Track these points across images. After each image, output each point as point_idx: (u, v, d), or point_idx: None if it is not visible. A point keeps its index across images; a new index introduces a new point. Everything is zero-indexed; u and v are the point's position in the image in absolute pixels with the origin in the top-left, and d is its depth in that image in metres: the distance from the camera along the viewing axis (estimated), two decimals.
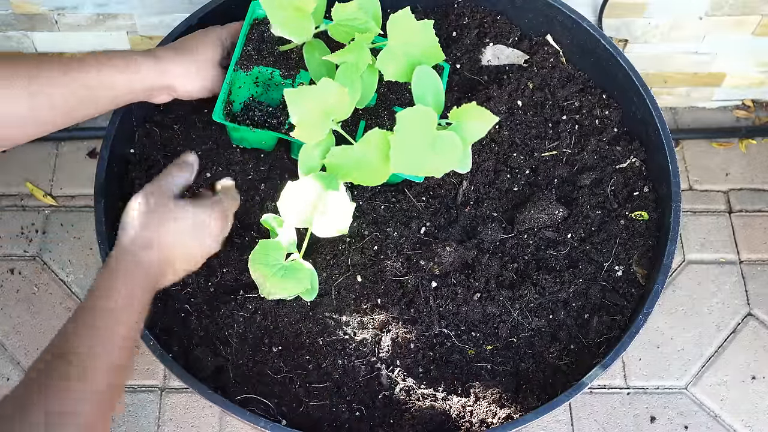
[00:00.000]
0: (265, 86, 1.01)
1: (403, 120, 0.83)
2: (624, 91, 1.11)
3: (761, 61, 1.57)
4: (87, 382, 0.75)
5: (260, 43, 1.01)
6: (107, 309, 0.81)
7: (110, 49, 1.49)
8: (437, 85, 0.90)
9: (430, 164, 0.85)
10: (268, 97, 1.01)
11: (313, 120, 0.84)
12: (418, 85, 0.88)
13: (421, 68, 0.88)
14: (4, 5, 1.38)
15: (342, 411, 0.97)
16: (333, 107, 0.85)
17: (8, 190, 1.62)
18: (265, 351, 0.99)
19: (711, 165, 1.68)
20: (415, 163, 0.84)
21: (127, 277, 0.84)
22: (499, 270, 1.03)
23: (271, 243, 0.93)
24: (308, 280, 0.93)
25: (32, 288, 1.54)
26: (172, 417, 1.45)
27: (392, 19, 0.90)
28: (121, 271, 0.84)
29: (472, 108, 0.87)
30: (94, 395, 0.75)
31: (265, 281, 0.92)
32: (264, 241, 0.92)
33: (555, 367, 1.00)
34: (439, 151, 0.84)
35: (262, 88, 1.01)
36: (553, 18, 1.14)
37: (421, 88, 0.88)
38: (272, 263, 0.92)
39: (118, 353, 0.80)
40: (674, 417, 1.47)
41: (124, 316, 0.82)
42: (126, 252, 0.86)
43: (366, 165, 0.86)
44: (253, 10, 1.02)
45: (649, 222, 1.07)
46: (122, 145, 1.07)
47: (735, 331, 1.54)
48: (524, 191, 1.09)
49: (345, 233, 0.91)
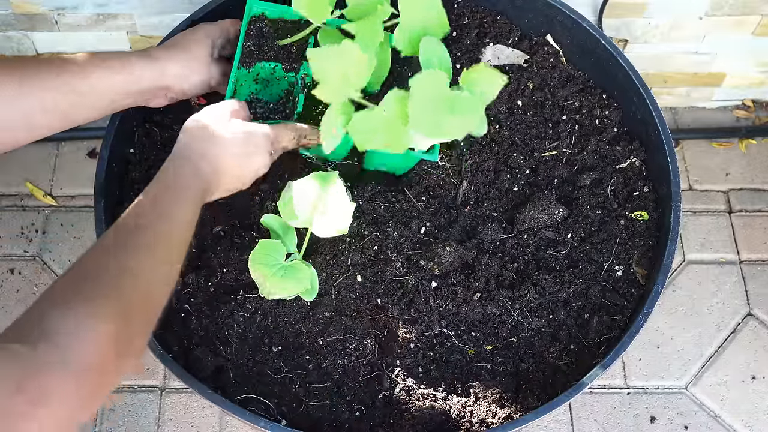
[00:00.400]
0: (264, 82, 1.01)
1: (417, 82, 0.84)
2: (624, 91, 1.11)
3: (761, 61, 1.57)
4: (150, 253, 0.77)
5: (259, 38, 1.02)
6: (167, 195, 0.83)
7: (110, 49, 1.50)
8: (443, 53, 0.91)
9: (449, 125, 0.86)
10: (267, 93, 1.01)
11: (335, 80, 0.85)
12: (426, 53, 0.90)
13: (426, 39, 0.90)
14: (4, 5, 1.38)
15: (342, 411, 0.97)
16: (353, 70, 0.85)
17: (8, 190, 1.62)
18: (265, 351, 0.99)
19: (711, 165, 1.68)
20: (434, 123, 0.85)
21: (182, 177, 0.85)
22: (499, 270, 1.03)
23: (271, 243, 0.93)
24: (308, 280, 0.93)
25: (32, 288, 1.54)
26: (172, 417, 1.45)
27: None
28: (178, 173, 0.85)
29: (482, 69, 0.88)
30: (156, 263, 0.77)
31: (265, 281, 0.92)
32: (264, 241, 0.93)
33: (555, 367, 1.00)
34: (458, 112, 0.86)
35: (261, 85, 1.01)
36: (553, 18, 1.14)
37: (428, 55, 0.90)
38: (272, 263, 0.92)
39: (177, 235, 0.81)
40: (674, 417, 1.47)
41: (182, 206, 0.83)
42: (180, 157, 0.86)
43: (388, 128, 0.86)
44: (249, 8, 1.02)
45: (649, 222, 1.07)
46: (122, 145, 1.07)
47: (735, 331, 1.54)
48: (524, 191, 1.09)
49: (345, 233, 0.91)
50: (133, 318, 0.71)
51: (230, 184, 0.91)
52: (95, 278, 0.71)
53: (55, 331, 0.64)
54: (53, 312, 0.66)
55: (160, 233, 0.79)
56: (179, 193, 0.83)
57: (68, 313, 0.66)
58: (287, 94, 1.01)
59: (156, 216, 0.80)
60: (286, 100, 1.01)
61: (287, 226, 0.95)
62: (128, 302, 0.71)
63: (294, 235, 0.96)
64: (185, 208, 0.83)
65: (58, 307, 0.66)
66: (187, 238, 0.83)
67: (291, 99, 1.01)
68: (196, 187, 0.85)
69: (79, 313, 0.66)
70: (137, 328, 0.73)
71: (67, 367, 0.63)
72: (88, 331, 0.66)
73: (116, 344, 0.67)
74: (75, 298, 0.68)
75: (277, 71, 1.01)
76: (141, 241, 0.77)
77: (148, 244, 0.77)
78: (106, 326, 0.67)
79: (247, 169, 0.91)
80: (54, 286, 0.70)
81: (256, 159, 0.91)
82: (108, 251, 0.76)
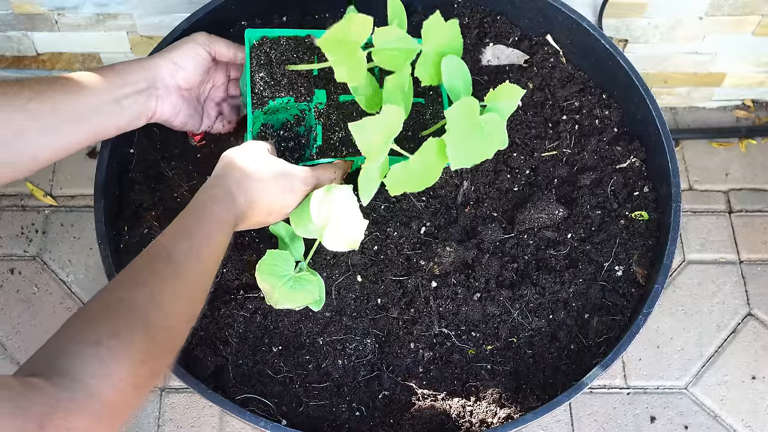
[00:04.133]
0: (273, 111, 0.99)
1: (453, 117, 0.86)
2: (624, 91, 1.11)
3: (761, 61, 1.57)
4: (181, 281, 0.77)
5: (269, 67, 0.98)
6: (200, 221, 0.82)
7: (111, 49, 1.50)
8: (465, 71, 0.92)
9: (481, 150, 0.89)
10: (274, 118, 0.99)
11: (378, 144, 0.86)
12: (448, 74, 0.91)
13: (448, 58, 0.91)
14: (4, 5, 1.38)
15: (342, 411, 0.97)
16: (393, 129, 0.86)
17: (8, 190, 1.62)
18: (265, 351, 0.99)
19: (711, 165, 1.68)
20: (469, 154, 0.88)
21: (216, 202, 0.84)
22: (499, 270, 1.03)
23: (279, 253, 0.92)
24: (317, 291, 0.93)
25: (32, 288, 1.54)
26: (172, 417, 1.45)
27: (427, 25, 0.91)
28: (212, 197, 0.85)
29: (505, 87, 0.91)
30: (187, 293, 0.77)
31: (274, 291, 0.91)
32: (272, 251, 0.92)
33: (555, 367, 1.00)
34: (487, 135, 0.88)
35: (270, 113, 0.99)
36: (553, 18, 1.14)
37: (451, 76, 0.91)
38: (281, 274, 0.92)
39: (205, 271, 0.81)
40: (674, 417, 1.47)
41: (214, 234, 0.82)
42: (216, 185, 0.86)
43: (423, 172, 0.88)
44: (248, 38, 0.99)
45: (649, 222, 1.07)
46: (122, 145, 1.07)
47: (735, 331, 1.54)
48: (524, 191, 1.09)
49: (356, 249, 0.91)
50: (157, 354, 0.71)
51: (260, 217, 0.90)
52: (120, 311, 0.70)
53: (79, 368, 0.64)
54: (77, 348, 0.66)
55: (189, 269, 0.78)
56: (212, 224, 0.82)
57: (90, 351, 0.66)
58: (297, 120, 1.00)
59: (186, 248, 0.79)
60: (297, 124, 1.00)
61: (295, 235, 0.95)
62: (153, 339, 0.70)
63: (302, 244, 0.96)
64: (216, 239, 0.82)
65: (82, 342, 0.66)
66: (214, 270, 0.83)
67: (303, 125, 1.00)
68: (228, 219, 0.84)
69: (101, 351, 0.66)
70: (159, 364, 0.72)
71: (89, 406, 0.63)
72: (111, 370, 0.65)
73: (138, 381, 0.67)
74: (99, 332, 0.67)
75: (290, 103, 0.99)
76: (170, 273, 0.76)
77: (177, 277, 0.76)
78: (129, 365, 0.67)
79: (280, 205, 0.90)
80: (78, 315, 0.70)
81: (288, 197, 0.90)
82: (136, 282, 0.74)
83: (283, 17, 1.17)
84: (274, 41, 0.99)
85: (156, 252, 0.78)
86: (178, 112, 0.98)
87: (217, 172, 0.88)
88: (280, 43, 1.00)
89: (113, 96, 0.91)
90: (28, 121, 0.84)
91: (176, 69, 0.96)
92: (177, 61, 0.96)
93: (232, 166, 0.88)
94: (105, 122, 0.91)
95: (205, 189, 0.86)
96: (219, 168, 0.89)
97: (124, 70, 0.93)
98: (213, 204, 0.84)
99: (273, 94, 0.97)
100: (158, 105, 0.95)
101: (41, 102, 0.85)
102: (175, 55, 0.96)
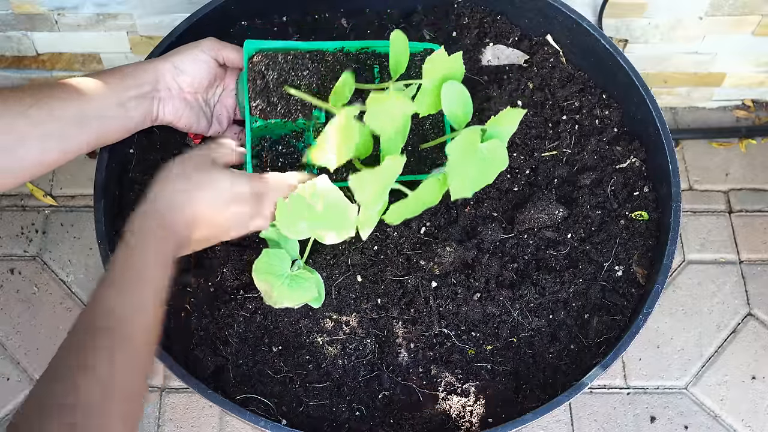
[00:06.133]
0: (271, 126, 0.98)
1: (453, 152, 0.85)
2: (624, 91, 1.11)
3: (761, 61, 1.57)
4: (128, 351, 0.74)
5: (266, 93, 0.97)
6: (133, 270, 0.78)
7: (111, 49, 1.50)
8: (465, 96, 0.91)
9: (483, 177, 0.89)
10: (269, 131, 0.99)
11: (377, 194, 0.85)
12: (448, 101, 0.90)
13: (448, 84, 0.90)
14: (4, 5, 1.38)
15: (342, 411, 0.97)
16: (393, 177, 0.86)
17: (8, 191, 1.62)
18: (265, 351, 0.99)
19: (711, 165, 1.68)
20: (471, 184, 0.88)
21: (150, 238, 0.81)
22: (499, 270, 1.03)
23: (275, 252, 0.92)
24: (315, 288, 0.93)
25: (32, 288, 1.54)
26: (172, 417, 1.45)
27: (429, 60, 0.90)
28: (144, 232, 0.81)
29: (507, 113, 0.90)
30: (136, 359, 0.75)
31: (272, 291, 0.91)
32: (267, 250, 0.92)
33: (555, 367, 1.00)
34: (488, 162, 0.88)
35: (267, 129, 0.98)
36: (553, 18, 1.14)
37: (451, 103, 0.90)
38: (278, 273, 0.92)
39: (150, 312, 0.78)
40: (674, 417, 1.47)
41: (150, 275, 0.79)
42: (147, 211, 0.82)
43: (419, 206, 0.88)
44: (247, 51, 0.98)
45: (649, 222, 1.07)
46: (122, 145, 1.06)
47: (735, 331, 1.54)
48: (524, 191, 1.09)
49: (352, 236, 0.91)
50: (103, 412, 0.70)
51: (207, 233, 0.86)
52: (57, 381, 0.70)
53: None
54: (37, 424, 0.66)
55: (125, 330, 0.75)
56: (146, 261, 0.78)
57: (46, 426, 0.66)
58: (296, 135, 1.00)
59: (119, 304, 0.75)
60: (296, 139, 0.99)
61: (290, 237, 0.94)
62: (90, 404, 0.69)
63: (296, 242, 0.95)
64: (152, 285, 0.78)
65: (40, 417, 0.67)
66: (158, 316, 0.79)
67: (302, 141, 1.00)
68: (165, 248, 0.81)
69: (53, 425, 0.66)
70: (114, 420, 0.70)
71: None
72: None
73: None
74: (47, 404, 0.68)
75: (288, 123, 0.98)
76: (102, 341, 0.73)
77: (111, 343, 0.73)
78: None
79: (222, 217, 0.85)
80: (35, 387, 0.70)
81: (234, 208, 0.86)
82: (70, 349, 0.72)
83: (284, 17, 1.17)
84: (272, 58, 0.97)
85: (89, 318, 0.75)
86: (180, 115, 0.98)
87: (149, 193, 0.84)
88: (278, 60, 0.98)
89: (117, 99, 0.91)
90: (30, 128, 0.84)
91: (177, 72, 0.96)
92: (178, 64, 0.96)
93: (162, 186, 0.84)
94: (108, 126, 0.91)
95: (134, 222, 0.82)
96: (151, 189, 0.85)
97: (126, 73, 0.93)
98: (144, 239, 0.80)
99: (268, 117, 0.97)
100: (160, 107, 0.96)
101: (42, 108, 0.85)
102: (176, 59, 0.96)
